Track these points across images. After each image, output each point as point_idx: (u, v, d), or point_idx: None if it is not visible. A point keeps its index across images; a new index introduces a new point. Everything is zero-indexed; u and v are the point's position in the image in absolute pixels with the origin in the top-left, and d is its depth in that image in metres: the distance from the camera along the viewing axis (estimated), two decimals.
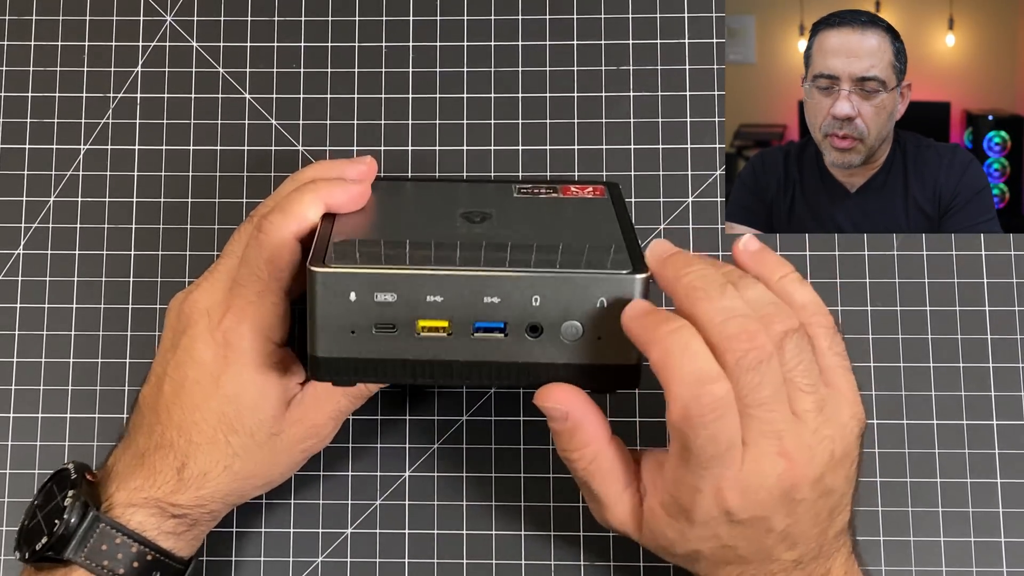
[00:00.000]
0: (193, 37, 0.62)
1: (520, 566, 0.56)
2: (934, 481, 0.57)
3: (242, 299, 0.49)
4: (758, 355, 0.42)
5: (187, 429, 0.49)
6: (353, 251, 0.46)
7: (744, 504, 0.43)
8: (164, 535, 0.49)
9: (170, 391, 0.49)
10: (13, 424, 0.58)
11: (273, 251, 0.48)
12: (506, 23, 0.62)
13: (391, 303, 0.44)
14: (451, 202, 0.52)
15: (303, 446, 0.51)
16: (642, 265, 0.45)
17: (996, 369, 0.58)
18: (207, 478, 0.49)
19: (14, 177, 0.61)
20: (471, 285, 0.44)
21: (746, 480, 0.43)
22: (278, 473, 0.52)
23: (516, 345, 0.45)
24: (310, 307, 0.44)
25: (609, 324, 0.44)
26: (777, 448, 0.43)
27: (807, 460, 0.43)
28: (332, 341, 0.45)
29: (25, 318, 0.59)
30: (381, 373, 0.46)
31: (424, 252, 0.46)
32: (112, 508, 0.48)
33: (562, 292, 0.44)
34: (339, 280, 0.44)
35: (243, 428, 0.49)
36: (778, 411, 0.43)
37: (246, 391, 0.49)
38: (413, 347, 0.45)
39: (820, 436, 0.43)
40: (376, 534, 0.57)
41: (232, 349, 0.49)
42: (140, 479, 0.49)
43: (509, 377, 0.46)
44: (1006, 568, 0.56)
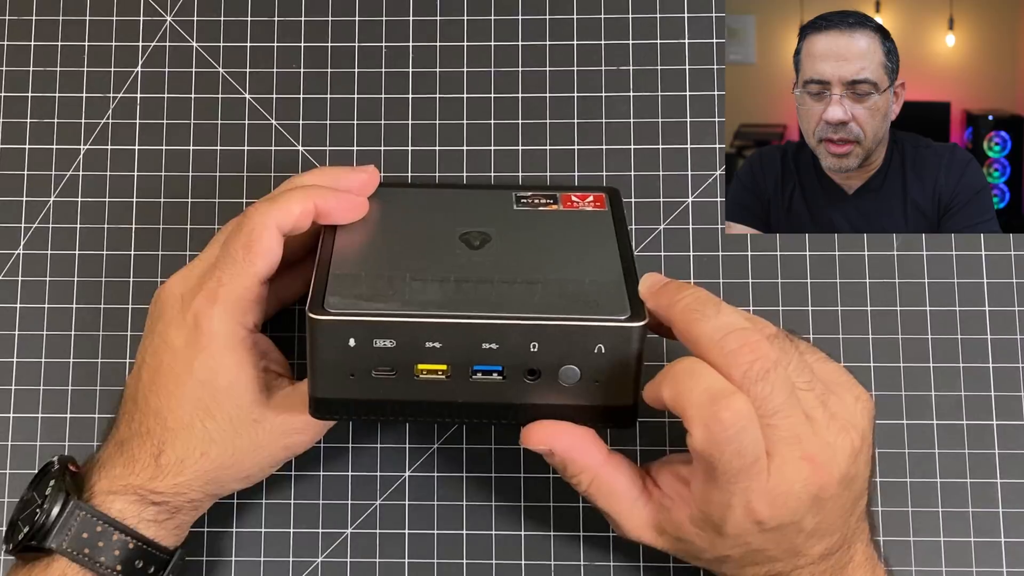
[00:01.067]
0: (193, 37, 0.62)
1: (520, 566, 0.56)
2: (934, 481, 0.57)
3: (213, 280, 0.49)
4: (763, 364, 0.42)
5: (163, 415, 0.49)
6: (351, 292, 0.45)
7: (774, 513, 0.43)
8: (145, 523, 0.49)
9: (147, 378, 0.50)
10: (13, 424, 0.58)
11: (252, 235, 0.48)
12: (506, 23, 0.62)
13: (390, 348, 0.44)
14: (451, 219, 0.52)
15: (286, 441, 0.51)
16: (640, 311, 0.45)
17: (996, 369, 0.58)
18: (184, 464, 0.49)
19: (14, 177, 0.61)
20: (470, 332, 0.44)
21: (775, 489, 0.43)
22: (257, 467, 0.51)
23: (514, 387, 0.45)
24: (310, 351, 0.45)
25: (607, 369, 0.45)
26: (800, 453, 0.43)
27: (830, 458, 0.43)
28: (331, 383, 0.45)
29: (25, 318, 0.59)
30: (380, 412, 0.46)
31: (422, 295, 0.45)
32: (93, 496, 0.48)
33: (560, 339, 0.44)
34: (338, 328, 0.44)
35: (220, 413, 0.49)
36: (794, 416, 0.43)
37: (218, 375, 0.49)
38: (412, 389, 0.45)
39: (835, 430, 0.44)
40: (376, 534, 0.57)
41: (202, 332, 0.48)
42: (120, 467, 0.49)
43: (507, 417, 0.46)
44: (1006, 568, 0.56)
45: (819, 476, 0.43)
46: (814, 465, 0.43)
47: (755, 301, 0.58)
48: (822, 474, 0.43)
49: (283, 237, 0.49)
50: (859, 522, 0.47)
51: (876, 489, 0.57)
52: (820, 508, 0.44)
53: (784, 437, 0.42)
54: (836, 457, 0.43)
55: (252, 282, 0.49)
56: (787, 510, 0.43)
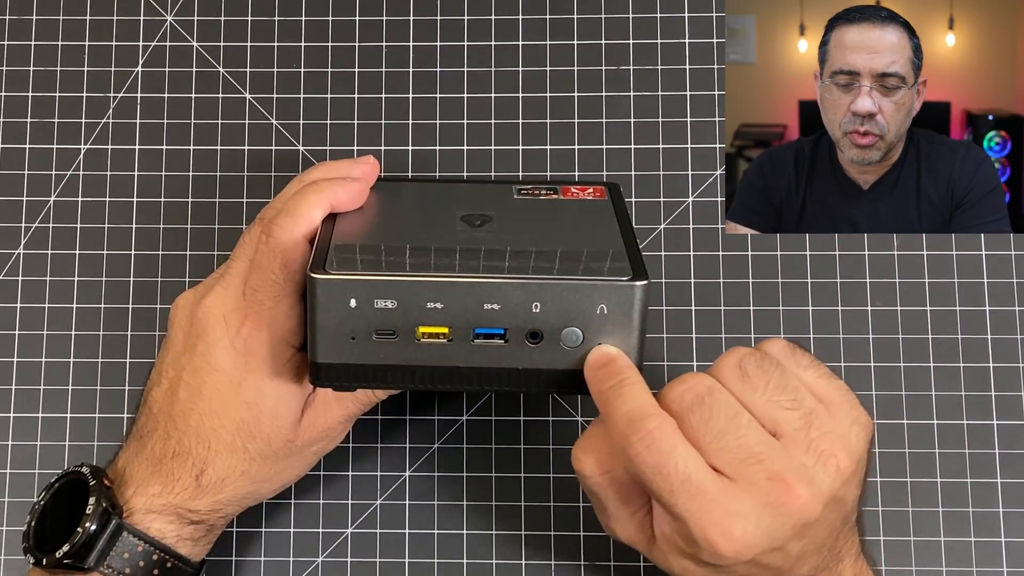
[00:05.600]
0: (193, 37, 0.62)
1: (520, 566, 0.56)
2: (934, 481, 0.57)
3: (259, 305, 0.49)
4: (695, 391, 0.42)
5: (205, 436, 0.49)
6: (353, 256, 0.46)
7: (748, 531, 0.41)
8: (183, 542, 0.49)
9: (186, 397, 0.49)
10: (13, 424, 0.58)
11: (285, 254, 0.48)
12: (506, 23, 0.62)
13: (391, 309, 0.44)
14: (451, 204, 0.52)
15: (315, 448, 0.51)
16: (642, 272, 0.45)
17: (996, 369, 0.58)
18: (225, 484, 0.49)
19: (14, 177, 0.61)
20: (471, 292, 0.44)
21: (740, 509, 0.41)
22: (293, 475, 0.52)
23: (516, 351, 0.45)
24: (310, 313, 0.44)
25: (609, 331, 0.44)
26: (765, 473, 0.41)
27: (807, 479, 0.41)
28: (332, 347, 0.45)
29: (25, 318, 0.59)
30: (381, 378, 0.46)
31: (424, 258, 0.46)
32: (132, 515, 0.48)
33: (562, 299, 0.44)
34: (339, 287, 0.44)
35: (260, 434, 0.49)
36: (749, 435, 0.42)
37: (265, 398, 0.49)
38: (413, 353, 0.45)
39: (818, 452, 0.42)
40: (376, 534, 0.57)
41: (253, 356, 0.48)
42: (158, 485, 0.49)
43: (509, 382, 0.46)
44: (1006, 568, 0.56)
45: (792, 497, 0.41)
46: (785, 485, 0.41)
47: (755, 301, 0.58)
48: (797, 495, 0.41)
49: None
50: (848, 536, 0.46)
51: (876, 489, 0.57)
52: (804, 532, 0.42)
53: (740, 457, 0.41)
54: (816, 478, 0.42)
55: (295, 301, 0.49)
56: (761, 532, 0.41)
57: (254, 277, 0.49)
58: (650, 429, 0.41)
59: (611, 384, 0.43)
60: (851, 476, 0.43)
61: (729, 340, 0.58)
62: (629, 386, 0.43)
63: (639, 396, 0.42)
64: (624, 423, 0.42)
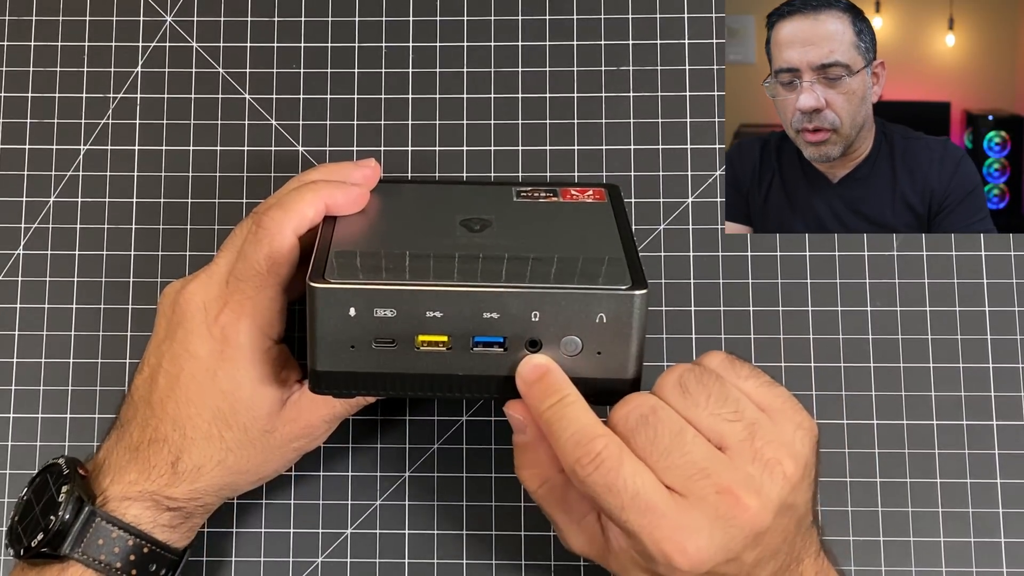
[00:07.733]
0: (193, 37, 0.62)
1: (520, 566, 0.56)
2: (934, 481, 0.57)
3: (240, 294, 0.49)
4: (639, 411, 0.42)
5: (181, 423, 0.49)
6: (353, 264, 0.46)
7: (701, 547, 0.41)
8: (160, 528, 0.49)
9: (165, 385, 0.49)
10: (13, 424, 0.58)
11: (272, 246, 0.48)
12: (506, 23, 0.62)
13: (391, 318, 0.44)
14: (450, 208, 0.52)
15: (296, 444, 0.51)
16: (641, 280, 0.45)
17: (996, 369, 0.58)
18: (201, 472, 0.49)
19: (14, 177, 0.61)
20: (470, 301, 0.44)
21: (692, 524, 0.41)
22: (271, 468, 0.52)
23: (516, 359, 0.45)
24: (310, 322, 0.45)
25: (608, 339, 0.44)
26: (714, 487, 0.41)
27: (755, 489, 0.42)
28: (332, 355, 0.45)
29: (25, 318, 0.59)
30: (380, 386, 0.46)
31: (423, 266, 0.46)
32: (107, 502, 0.48)
33: (561, 308, 0.44)
34: (339, 296, 0.44)
35: (237, 424, 0.49)
36: (695, 451, 0.42)
37: (242, 387, 0.49)
38: (412, 361, 0.45)
39: (763, 462, 0.42)
40: (376, 534, 0.57)
41: (229, 344, 0.49)
42: (134, 472, 0.49)
43: (508, 390, 0.46)
44: (1006, 568, 0.56)
45: (742, 509, 0.41)
46: (733, 497, 0.41)
47: (755, 301, 0.58)
48: (746, 506, 0.41)
49: (300, 242, 0.49)
50: (805, 536, 0.46)
51: (876, 489, 0.57)
52: (758, 541, 0.42)
53: (688, 474, 0.41)
54: (764, 487, 0.42)
55: (276, 294, 0.49)
56: (715, 546, 0.41)
57: (239, 266, 0.49)
58: (598, 450, 0.41)
59: (551, 404, 0.43)
60: (799, 481, 0.43)
61: (729, 340, 0.58)
62: (570, 405, 0.43)
63: (582, 416, 0.43)
64: (572, 446, 0.42)
